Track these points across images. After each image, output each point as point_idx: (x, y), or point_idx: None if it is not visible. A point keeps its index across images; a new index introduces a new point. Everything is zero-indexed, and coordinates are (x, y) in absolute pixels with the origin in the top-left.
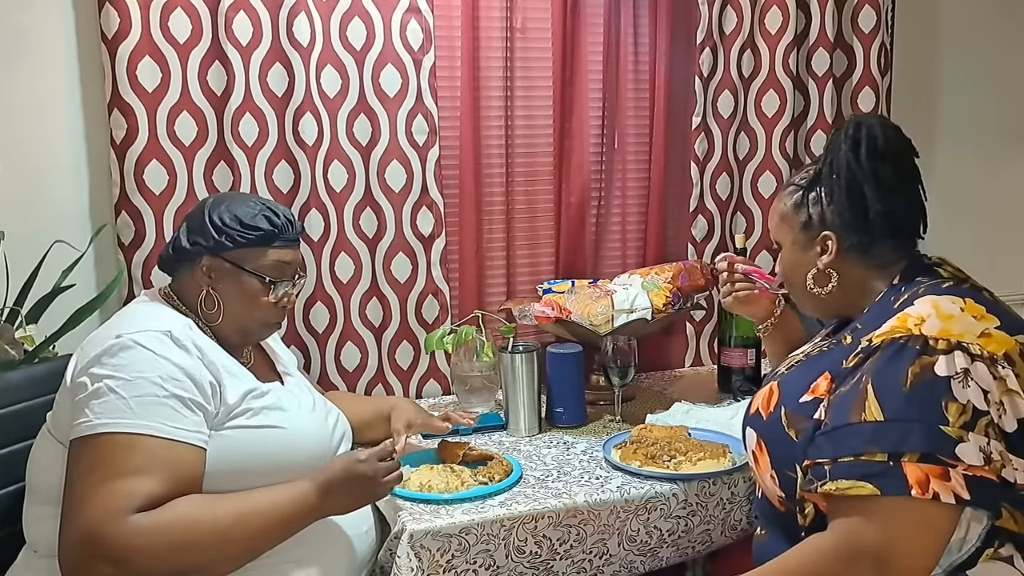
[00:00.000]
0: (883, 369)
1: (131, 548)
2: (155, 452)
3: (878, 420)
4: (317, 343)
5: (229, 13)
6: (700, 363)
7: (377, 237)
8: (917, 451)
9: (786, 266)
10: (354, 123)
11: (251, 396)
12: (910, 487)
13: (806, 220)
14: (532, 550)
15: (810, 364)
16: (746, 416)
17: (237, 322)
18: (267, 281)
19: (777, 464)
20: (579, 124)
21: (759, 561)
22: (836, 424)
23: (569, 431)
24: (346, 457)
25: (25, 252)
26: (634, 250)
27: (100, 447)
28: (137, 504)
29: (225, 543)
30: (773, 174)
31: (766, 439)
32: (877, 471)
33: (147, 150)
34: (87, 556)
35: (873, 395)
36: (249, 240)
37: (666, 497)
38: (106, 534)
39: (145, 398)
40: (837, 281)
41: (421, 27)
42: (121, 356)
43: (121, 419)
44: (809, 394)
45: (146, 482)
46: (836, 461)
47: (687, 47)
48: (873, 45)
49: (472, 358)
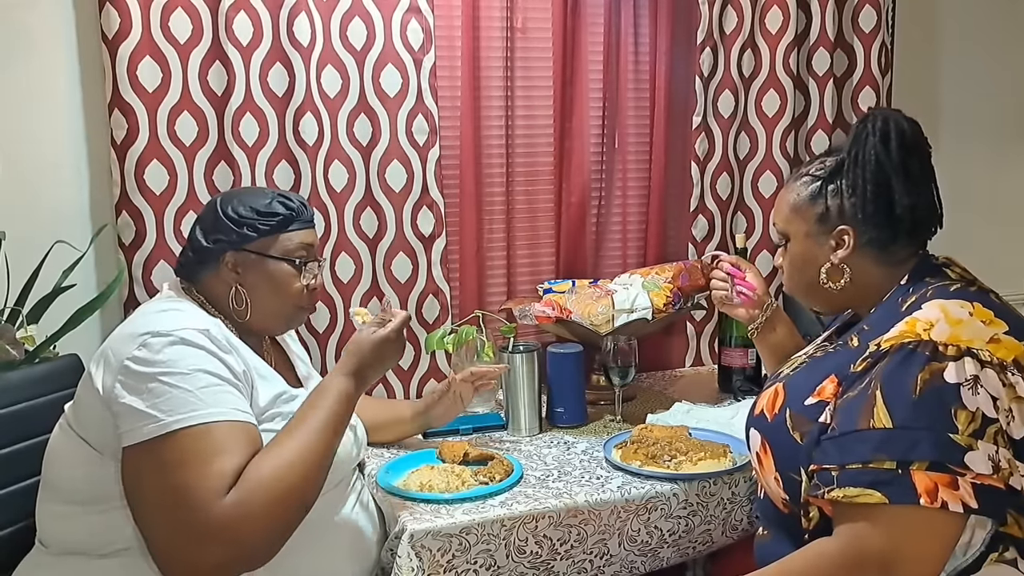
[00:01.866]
0: (892, 375)
1: (239, 520)
2: (230, 433)
3: (887, 427)
4: (317, 343)
5: (229, 13)
6: (700, 363)
7: (377, 237)
8: (926, 459)
9: (796, 259)
10: (354, 123)
11: (281, 400)
12: (919, 496)
13: (823, 212)
14: (533, 550)
15: (815, 366)
16: (750, 417)
17: (271, 312)
18: (296, 263)
19: (781, 466)
20: (579, 124)
21: (761, 561)
22: (844, 430)
23: (569, 431)
24: (367, 337)
25: (26, 252)
26: (634, 250)
27: (181, 441)
28: (229, 482)
29: (309, 472)
30: (773, 174)
31: (770, 441)
32: (885, 479)
33: (148, 150)
34: (200, 546)
35: (882, 401)
36: (271, 227)
37: (667, 497)
38: (214, 518)
39: (210, 388)
40: (849, 277)
41: (421, 27)
42: (169, 352)
43: (195, 411)
44: (814, 396)
45: (231, 458)
46: (844, 468)
47: (687, 47)
48: (873, 45)
49: (473, 358)
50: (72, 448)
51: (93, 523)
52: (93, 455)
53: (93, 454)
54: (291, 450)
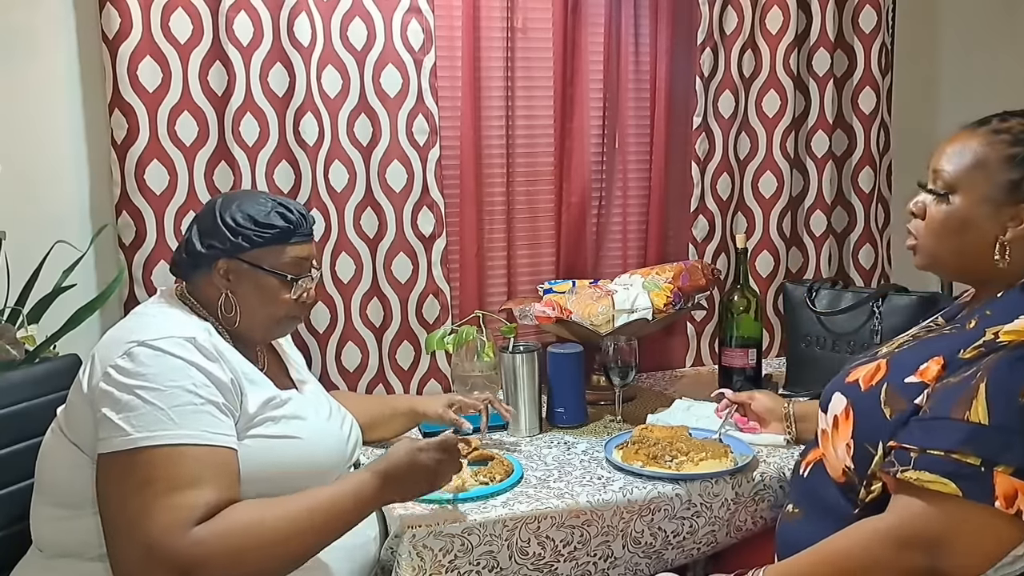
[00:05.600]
0: (1002, 372)
1: (195, 559)
2: (203, 460)
3: (981, 423)
4: (318, 343)
5: (230, 13)
6: (701, 363)
7: (378, 237)
8: (1013, 465)
9: (955, 219)
10: (355, 123)
11: (271, 405)
12: (995, 498)
13: (1016, 180)
14: (535, 551)
15: (924, 345)
16: (837, 382)
17: (259, 321)
18: (288, 279)
19: (860, 436)
20: (580, 124)
21: (783, 540)
22: (936, 414)
23: (570, 431)
24: (407, 446)
25: (26, 252)
26: (635, 250)
27: (149, 460)
28: (199, 515)
29: (286, 542)
30: (774, 174)
31: (856, 409)
32: (966, 473)
33: (148, 150)
34: (151, 571)
35: (984, 396)
36: (266, 239)
37: (669, 498)
38: (170, 548)
39: (184, 407)
40: (1010, 256)
41: (422, 27)
42: (149, 364)
43: (165, 431)
44: (916, 376)
45: (203, 492)
46: (925, 451)
47: (688, 47)
48: (874, 45)
49: (473, 358)
50: (62, 451)
51: (85, 526)
52: (82, 458)
53: (82, 457)
54: (276, 513)
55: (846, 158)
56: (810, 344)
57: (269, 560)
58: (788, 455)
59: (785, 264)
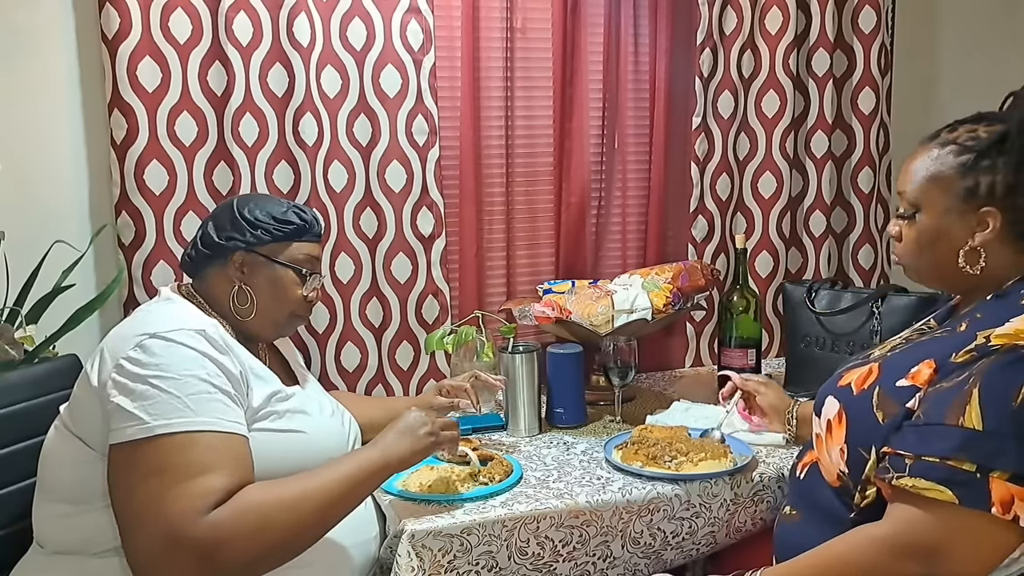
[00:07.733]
0: (995, 376)
1: (215, 542)
2: (218, 446)
3: (976, 429)
4: (317, 343)
5: (229, 13)
6: (700, 363)
7: (377, 237)
8: (1009, 470)
9: (926, 235)
10: (354, 123)
11: (276, 399)
12: (991, 504)
13: (971, 188)
14: (535, 551)
15: (916, 348)
16: (830, 385)
17: (269, 316)
18: (303, 272)
19: (853, 440)
20: (579, 124)
21: (784, 539)
22: (929, 420)
23: (569, 431)
24: (402, 415)
25: (25, 252)
26: (634, 250)
27: (164, 448)
28: (214, 500)
29: (301, 517)
30: (773, 174)
31: (849, 413)
32: (961, 479)
33: (147, 150)
34: (172, 558)
35: (978, 401)
36: (284, 234)
37: (668, 498)
38: (190, 534)
39: (199, 395)
40: (984, 261)
41: (421, 27)
42: (161, 354)
43: (180, 418)
44: (908, 379)
45: (219, 477)
46: (920, 458)
47: (687, 47)
48: (873, 45)
49: (472, 358)
50: (67, 447)
51: (88, 522)
52: (88, 453)
53: (88, 452)
54: (292, 490)
55: (845, 158)
56: (809, 344)
57: (289, 533)
58: (787, 456)
59: (784, 264)
